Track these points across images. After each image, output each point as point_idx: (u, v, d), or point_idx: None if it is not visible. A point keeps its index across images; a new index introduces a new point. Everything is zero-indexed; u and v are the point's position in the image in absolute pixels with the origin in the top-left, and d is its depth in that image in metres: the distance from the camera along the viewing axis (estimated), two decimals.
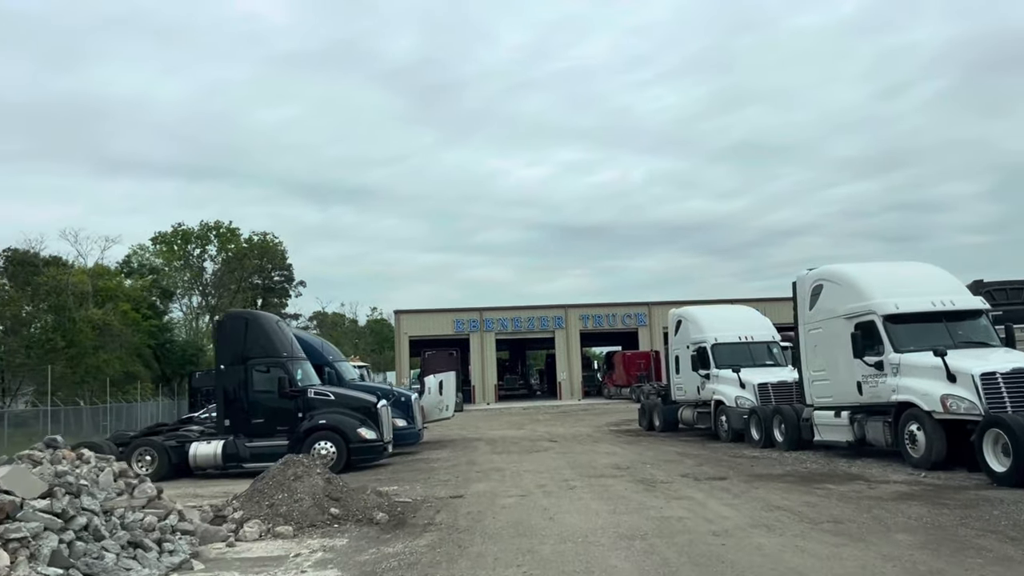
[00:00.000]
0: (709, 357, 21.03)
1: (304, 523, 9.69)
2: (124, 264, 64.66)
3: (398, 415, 20.04)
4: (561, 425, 30.01)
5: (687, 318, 22.70)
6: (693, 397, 22.03)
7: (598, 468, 14.89)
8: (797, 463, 14.44)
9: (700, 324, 21.88)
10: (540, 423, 32.02)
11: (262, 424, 17.18)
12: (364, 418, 17.38)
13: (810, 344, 15.95)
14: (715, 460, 15.69)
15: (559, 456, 17.69)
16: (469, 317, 54.95)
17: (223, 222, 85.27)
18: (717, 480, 12.58)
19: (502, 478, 14.01)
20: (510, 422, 33.53)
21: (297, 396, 17.28)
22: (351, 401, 17.69)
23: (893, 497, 10.19)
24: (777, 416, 17.34)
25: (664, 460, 15.95)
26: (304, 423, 17.06)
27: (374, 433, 17.24)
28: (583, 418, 34.13)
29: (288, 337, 17.99)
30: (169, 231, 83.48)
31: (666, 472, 13.84)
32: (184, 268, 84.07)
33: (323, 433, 16.91)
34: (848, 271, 15.14)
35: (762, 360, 21.11)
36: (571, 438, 23.12)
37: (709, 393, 20.87)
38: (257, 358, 17.40)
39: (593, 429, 26.91)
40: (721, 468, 14.17)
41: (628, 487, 12.08)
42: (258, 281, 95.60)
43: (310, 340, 20.45)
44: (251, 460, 16.89)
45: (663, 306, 55.84)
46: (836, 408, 14.99)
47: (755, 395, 19.38)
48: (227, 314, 18.86)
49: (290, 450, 16.77)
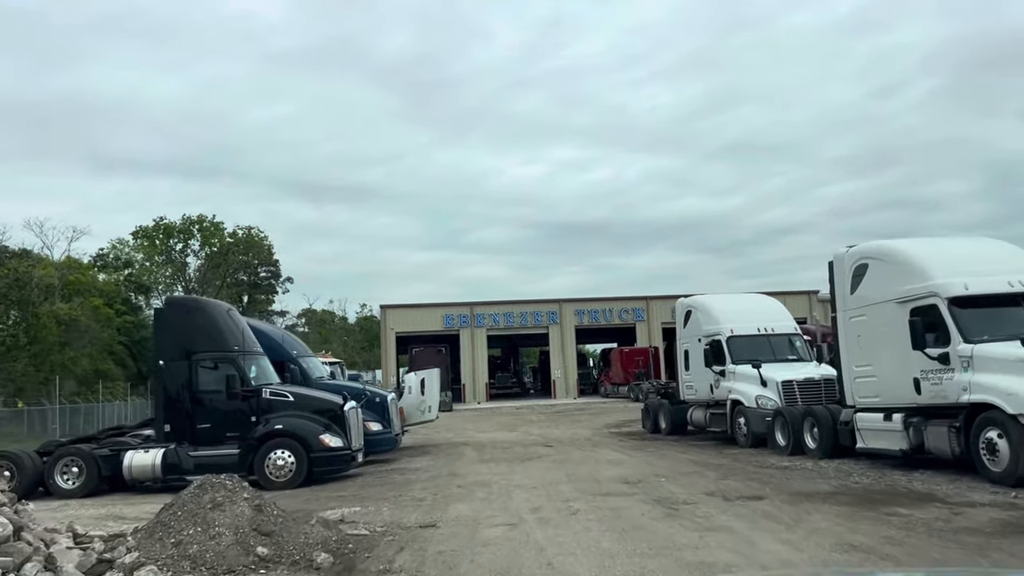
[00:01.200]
0: (724, 351, 18.63)
1: (220, 568, 7.24)
2: (98, 258, 61.86)
3: (372, 418, 17.58)
4: (556, 427, 27.59)
5: (698, 308, 20.28)
6: (705, 396, 19.63)
7: (603, 482, 12.46)
8: (842, 476, 12.05)
9: (713, 314, 19.47)
10: (534, 424, 29.60)
11: (209, 430, 14.71)
12: (329, 422, 14.93)
13: (851, 334, 13.56)
14: (740, 471, 13.29)
15: (556, 465, 15.26)
16: (459, 312, 52.42)
17: (206, 216, 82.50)
18: (752, 500, 10.17)
19: (488, 496, 11.57)
20: (501, 423, 31.09)
21: (250, 397, 14.81)
22: (314, 403, 15.23)
23: (993, 527, 7.80)
24: (809, 418, 14.96)
25: (680, 472, 13.54)
26: (258, 428, 14.60)
27: (340, 440, 14.79)
28: (580, 418, 31.71)
29: (241, 328, 15.50)
30: (151, 225, 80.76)
31: (686, 488, 11.43)
32: (166, 263, 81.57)
33: (280, 440, 14.46)
34: (900, 247, 12.73)
35: (783, 354, 18.73)
36: (568, 442, 20.70)
37: (724, 392, 18.47)
38: (203, 352, 14.94)
39: (592, 431, 24.50)
40: (751, 483, 11.77)
41: (644, 511, 9.66)
42: (243, 277, 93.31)
43: (269, 332, 17.98)
44: (195, 472, 14.34)
45: (662, 300, 53.56)
46: (885, 410, 12.60)
47: (778, 394, 17.00)
48: (168, 300, 16.39)
49: (241, 460, 14.38)
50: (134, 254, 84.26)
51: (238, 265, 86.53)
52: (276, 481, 14.24)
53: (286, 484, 14.19)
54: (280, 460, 14.33)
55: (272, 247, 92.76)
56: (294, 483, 14.21)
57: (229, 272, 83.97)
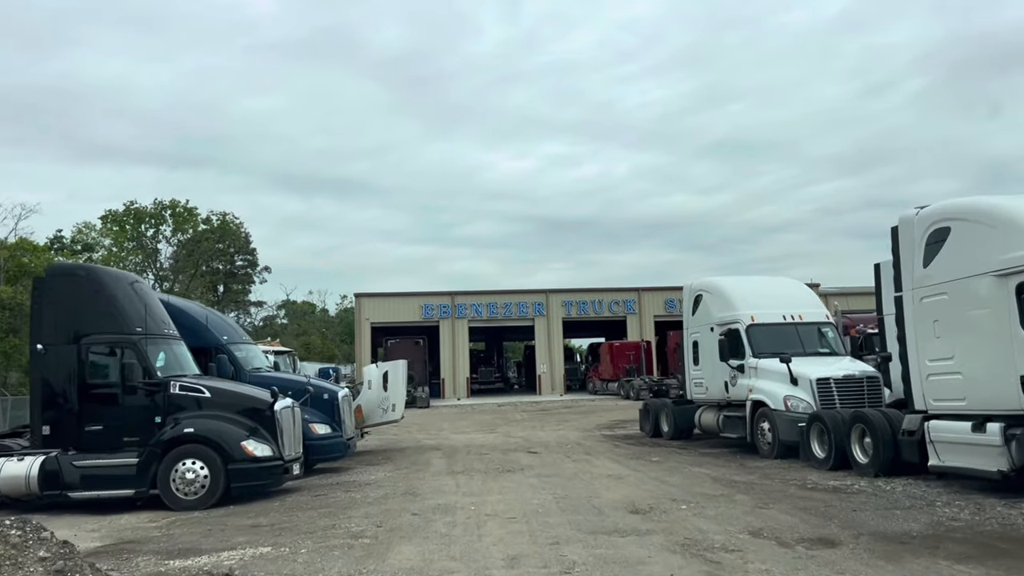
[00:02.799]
0: (743, 342, 15.61)
1: None
2: (55, 240, 58.08)
3: (318, 418, 14.44)
4: (542, 427, 24.52)
5: (711, 291, 17.23)
6: (718, 395, 16.62)
7: (604, 511, 9.39)
8: (924, 506, 9.04)
9: (730, 299, 16.42)
10: (517, 424, 26.52)
11: (100, 433, 11.51)
12: (255, 425, 11.79)
13: (923, 319, 10.53)
14: (779, 495, 10.27)
15: (542, 482, 12.19)
16: (439, 302, 49.11)
17: (179, 201, 79.00)
18: (822, 547, 7.13)
19: (449, 532, 8.47)
20: (481, 422, 27.99)
21: (154, 392, 11.64)
22: (237, 401, 12.06)
23: None
24: (859, 425, 11.96)
25: (701, 493, 10.50)
26: (163, 432, 11.44)
27: (269, 447, 11.65)
28: (567, 418, 28.66)
29: (147, 305, 12.29)
30: (121, 210, 77.18)
31: (719, 523, 8.39)
32: (137, 249, 78.05)
33: (191, 448, 11.32)
34: (1001, 204, 9.69)
35: (813, 347, 15.74)
36: (556, 447, 17.63)
37: (742, 391, 15.47)
38: (95, 334, 11.74)
39: (582, 433, 21.45)
40: (806, 515, 8.74)
41: (672, 567, 6.59)
42: (219, 266, 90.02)
43: (190, 312, 14.73)
44: (81, 486, 11.28)
45: (654, 292, 50.66)
46: (975, 418, 9.59)
47: (812, 395, 14.02)
48: (50, 269, 13.11)
49: (140, 472, 11.28)
50: (101, 239, 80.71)
51: (213, 253, 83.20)
52: (184, 499, 11.13)
53: (197, 503, 11.09)
54: (190, 472, 11.19)
55: (249, 235, 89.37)
56: (207, 502, 11.11)
57: (203, 260, 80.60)
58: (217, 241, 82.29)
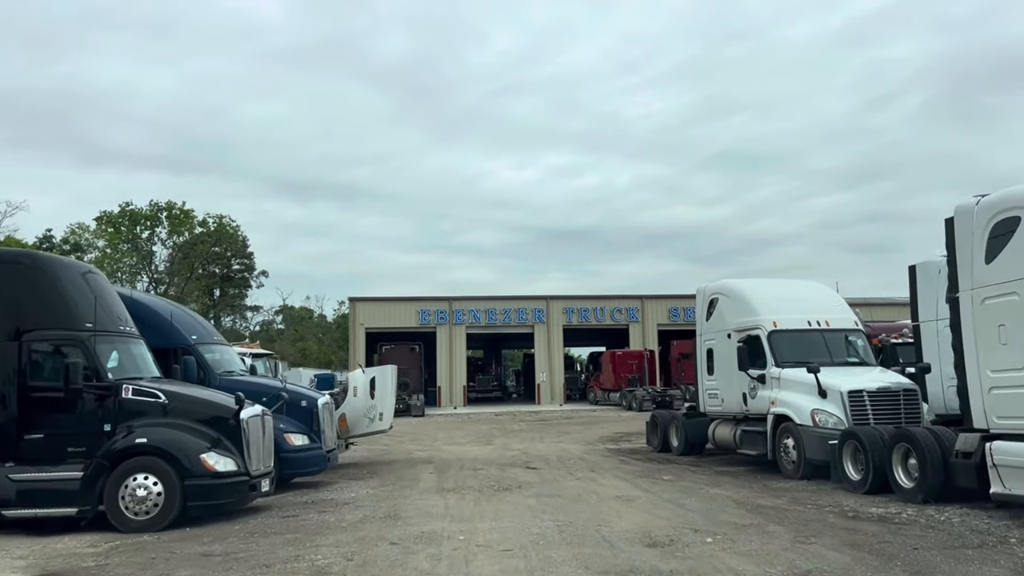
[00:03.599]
0: (764, 350, 14.22)
1: None
2: (44, 239, 56.73)
3: (294, 428, 13.04)
4: (542, 439, 23.10)
5: (727, 294, 15.84)
6: (735, 408, 15.22)
7: (616, 543, 7.98)
8: (1001, 544, 7.63)
9: (749, 302, 15.04)
10: (515, 435, 25.10)
11: (41, 443, 10.09)
12: (218, 436, 10.37)
13: (986, 323, 9.14)
14: (818, 524, 8.87)
15: (542, 504, 10.78)
16: (437, 307, 47.65)
17: (175, 202, 77.78)
18: None
19: (432, 571, 7.06)
20: (478, 433, 26.56)
21: (104, 396, 10.24)
22: (198, 407, 10.64)
23: None
24: (902, 445, 10.56)
25: (727, 522, 9.09)
26: (114, 442, 10.04)
27: (232, 461, 10.24)
28: (568, 429, 27.23)
29: (99, 298, 10.89)
30: (116, 211, 75.96)
31: (758, 563, 6.99)
32: (131, 251, 76.80)
33: (143, 460, 9.93)
34: None
35: (841, 356, 14.37)
36: (557, 463, 16.22)
37: (763, 403, 14.08)
38: (39, 330, 10.35)
39: (585, 447, 20.04)
40: (860, 554, 7.33)
41: None
42: (215, 270, 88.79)
43: (154, 307, 13.32)
44: (18, 503, 9.86)
45: (657, 300, 49.35)
46: None
47: (844, 409, 12.63)
48: None
49: (86, 487, 9.92)
50: (94, 240, 79.38)
51: (210, 256, 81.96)
52: (134, 520, 9.74)
53: (149, 524, 9.70)
54: (141, 489, 9.78)
55: (247, 239, 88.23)
56: (160, 523, 9.72)
57: (199, 263, 79.38)
58: (213, 244, 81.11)
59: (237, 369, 13.97)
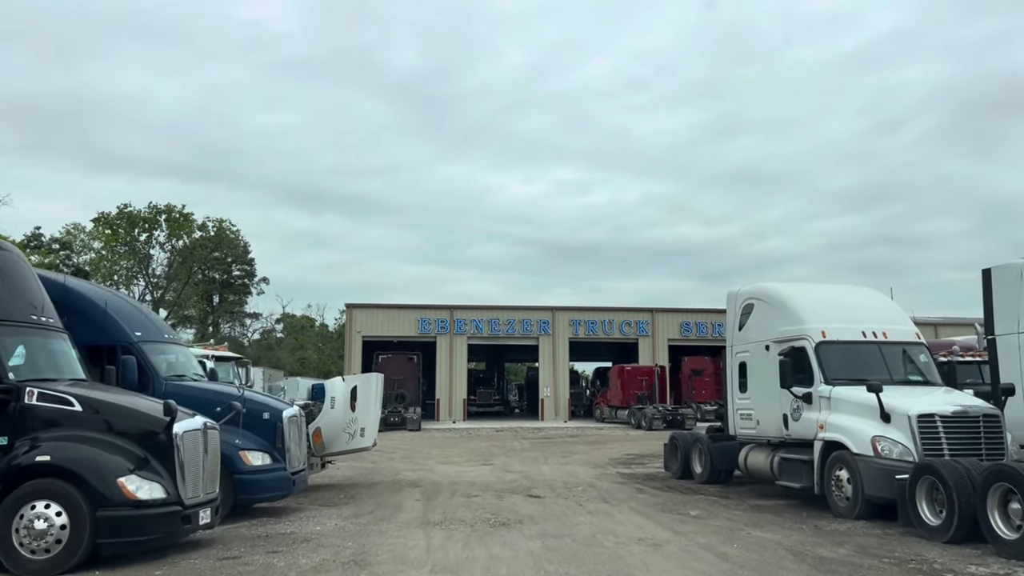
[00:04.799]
0: (811, 364, 12.09)
1: None
2: (32, 237, 54.85)
3: (253, 445, 10.94)
4: (546, 460, 20.95)
5: (766, 299, 13.73)
6: (773, 431, 13.08)
7: None
8: None
9: (793, 309, 12.91)
10: (516, 454, 22.95)
11: None
12: (144, 455, 8.29)
13: None
14: None
15: (547, 549, 8.65)
16: (437, 316, 45.54)
17: (175, 205, 76.02)
18: None
19: None
20: (476, 451, 24.41)
21: (4, 402, 8.18)
22: (119, 418, 8.55)
23: None
24: (1001, 485, 8.41)
25: None
26: (12, 458, 7.98)
27: (160, 486, 8.15)
28: (574, 448, 25.05)
29: (4, 281, 8.83)
30: (114, 212, 74.25)
31: None
32: (128, 254, 75.04)
33: (44, 484, 7.85)
34: None
35: (901, 373, 12.23)
36: (564, 490, 14.09)
37: (808, 427, 11.93)
38: None
39: (594, 470, 17.88)
40: None
41: None
42: (215, 275, 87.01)
43: (88, 296, 11.15)
44: None
45: (668, 313, 47.28)
46: None
47: (912, 437, 10.48)
48: None
49: None
50: (90, 241, 77.61)
51: (210, 262, 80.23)
52: (31, 559, 7.70)
53: (48, 565, 7.67)
54: (41, 520, 7.71)
55: (248, 244, 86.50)
56: (63, 563, 7.69)
57: (195, 268, 77.58)
58: (213, 249, 79.36)
59: (191, 373, 11.86)
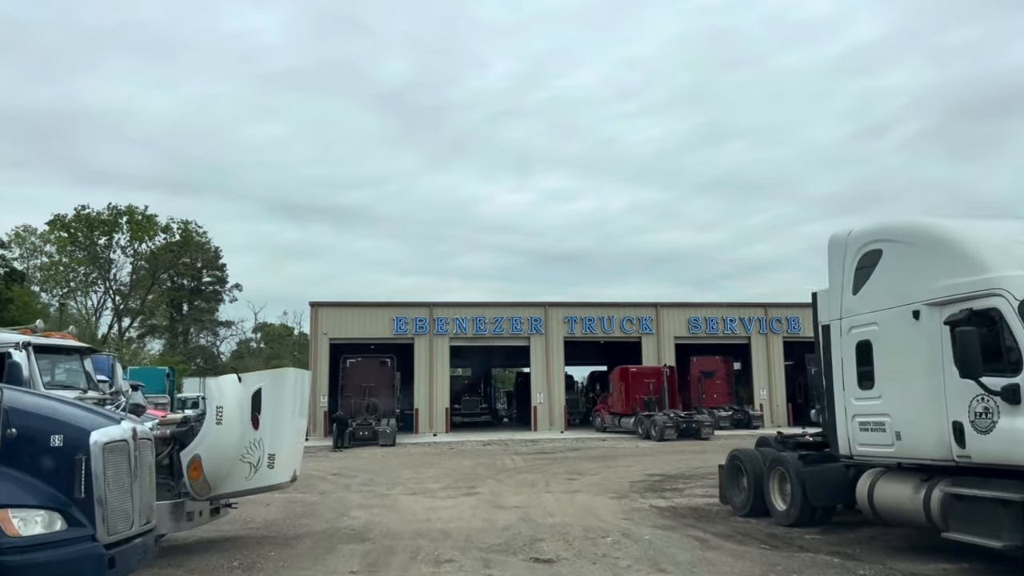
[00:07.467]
0: (1016, 337, 7.11)
1: None
2: None
3: (25, 497, 5.79)
4: (548, 484, 15.88)
5: (910, 240, 8.69)
6: (930, 450, 8.06)
7: None
8: None
9: (966, 250, 7.89)
10: (509, 476, 17.88)
11: None
12: None
13: None
14: None
15: None
16: (415, 314, 40.24)
17: (137, 207, 70.78)
18: None
19: None
20: (458, 472, 19.29)
21: None
22: None
23: None
24: None
25: None
26: None
27: None
28: (580, 467, 19.98)
29: None
30: (71, 215, 69.00)
31: None
32: (87, 259, 69.57)
33: None
34: None
35: None
36: (586, 544, 9.03)
37: (1009, 444, 6.94)
38: None
39: (618, 503, 12.85)
40: None
41: None
42: (184, 282, 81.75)
43: None
44: None
45: (675, 309, 42.49)
46: None
47: None
48: None
49: None
50: (41, 245, 72.16)
51: (179, 268, 74.92)
52: None
53: None
54: None
55: (219, 249, 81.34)
56: None
57: (159, 275, 72.27)
58: (180, 254, 74.15)
59: None
